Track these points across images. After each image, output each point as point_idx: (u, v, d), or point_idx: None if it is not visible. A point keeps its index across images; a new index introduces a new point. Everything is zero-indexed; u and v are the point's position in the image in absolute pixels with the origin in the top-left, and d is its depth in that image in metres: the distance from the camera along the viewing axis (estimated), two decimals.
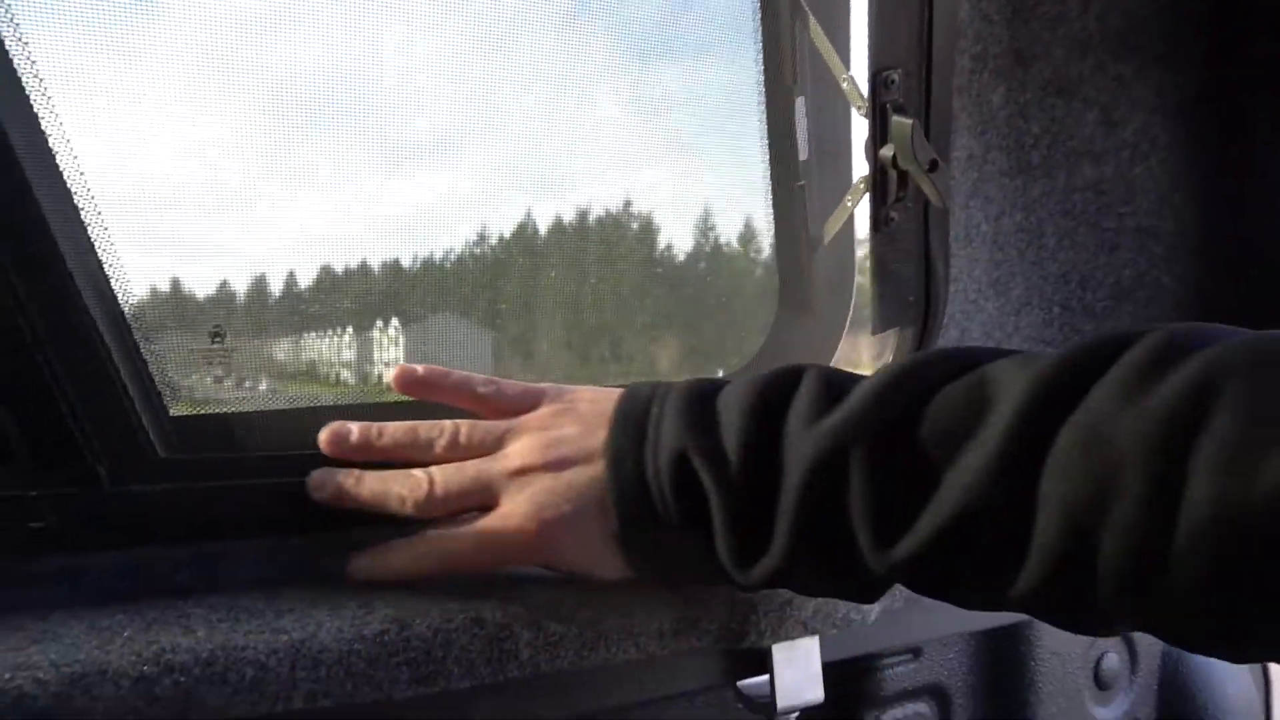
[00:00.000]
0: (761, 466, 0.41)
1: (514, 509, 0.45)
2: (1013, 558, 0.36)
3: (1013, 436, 0.35)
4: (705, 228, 0.80)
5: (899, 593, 0.60)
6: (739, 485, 0.41)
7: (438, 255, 0.70)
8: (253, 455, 0.54)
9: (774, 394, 0.42)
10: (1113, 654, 0.77)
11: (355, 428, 0.48)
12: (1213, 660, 0.82)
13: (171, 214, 0.58)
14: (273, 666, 0.41)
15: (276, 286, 0.63)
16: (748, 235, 0.80)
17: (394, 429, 0.48)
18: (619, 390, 0.47)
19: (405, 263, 0.68)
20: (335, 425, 0.49)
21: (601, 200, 0.79)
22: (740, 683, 0.56)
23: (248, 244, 0.62)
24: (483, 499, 0.46)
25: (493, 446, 0.47)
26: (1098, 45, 0.74)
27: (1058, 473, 0.34)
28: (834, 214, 0.73)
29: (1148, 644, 0.79)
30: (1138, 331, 0.36)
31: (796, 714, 0.56)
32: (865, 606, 0.56)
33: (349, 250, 0.67)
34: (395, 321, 0.69)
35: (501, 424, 0.48)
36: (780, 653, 0.54)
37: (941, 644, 0.70)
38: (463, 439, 0.47)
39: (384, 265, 0.67)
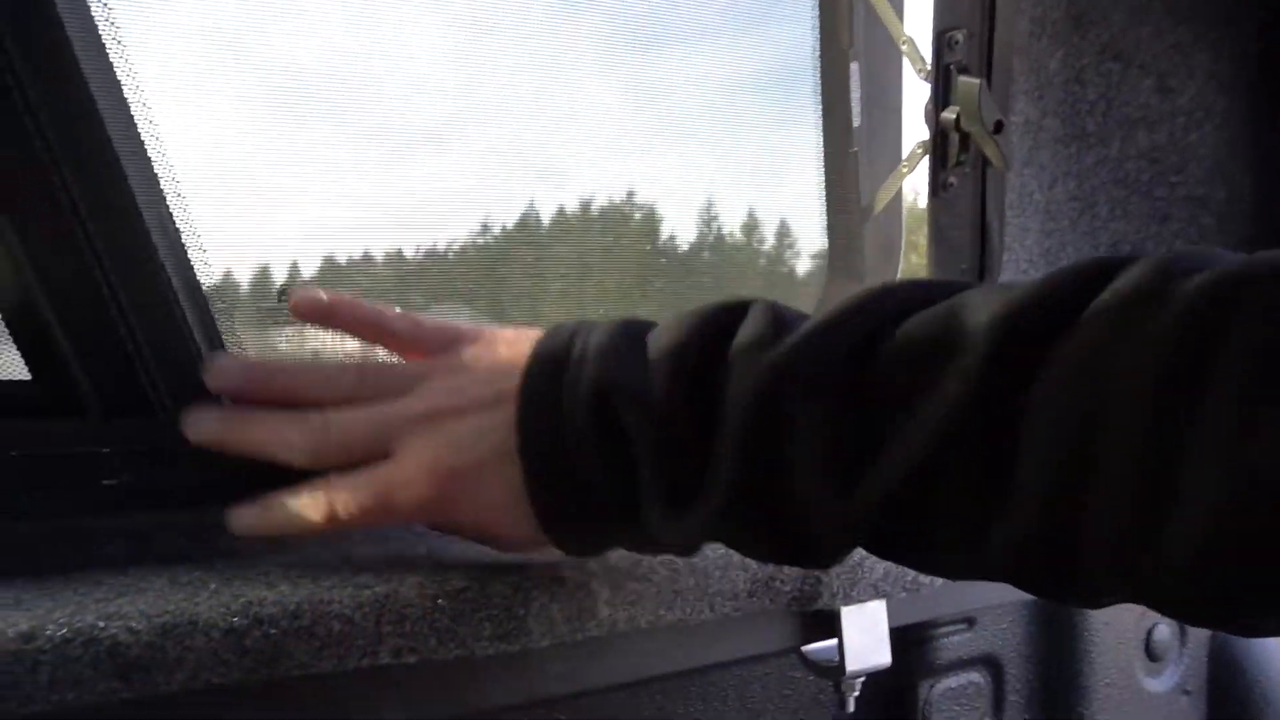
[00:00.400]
0: (695, 405, 0.35)
1: (410, 457, 0.39)
2: (985, 514, 0.31)
3: (988, 370, 0.30)
4: (754, 199, 0.80)
5: None
6: (667, 427, 0.35)
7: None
8: None
9: (713, 327, 0.36)
10: (1164, 625, 0.76)
11: (247, 360, 0.43)
12: None
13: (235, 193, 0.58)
14: (359, 620, 0.40)
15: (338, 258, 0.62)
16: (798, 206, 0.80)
17: (293, 366, 0.43)
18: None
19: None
20: (223, 356, 0.43)
21: (644, 175, 0.79)
22: (805, 647, 0.56)
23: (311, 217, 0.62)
24: (383, 447, 0.40)
25: (400, 389, 0.41)
26: (1156, 10, 0.73)
27: (1040, 414, 0.29)
28: (887, 181, 0.72)
29: None
30: (1130, 256, 0.30)
31: (862, 678, 0.56)
32: None
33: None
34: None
35: (413, 365, 0.43)
36: (849, 616, 0.54)
37: (996, 612, 0.70)
38: (369, 379, 0.42)
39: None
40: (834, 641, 0.54)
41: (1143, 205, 0.79)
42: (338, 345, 0.53)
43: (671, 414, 0.35)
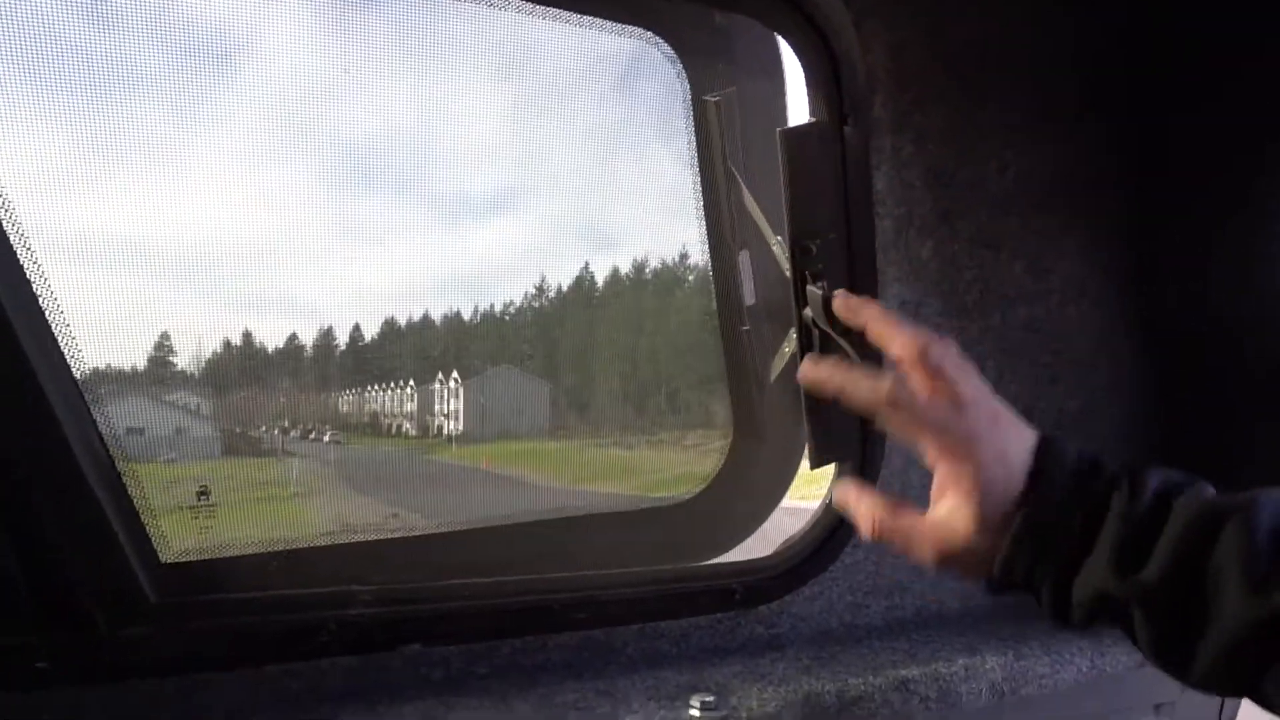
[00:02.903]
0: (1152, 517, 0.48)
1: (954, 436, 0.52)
2: None
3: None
4: None
5: None
6: (1131, 520, 0.48)
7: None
8: (236, 597, 0.62)
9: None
10: None
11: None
12: None
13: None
14: None
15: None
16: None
17: None
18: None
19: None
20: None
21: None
22: None
23: None
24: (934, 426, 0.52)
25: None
26: (1019, 204, 0.80)
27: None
28: (775, 357, 0.79)
29: None
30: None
31: None
32: None
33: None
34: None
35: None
36: None
37: None
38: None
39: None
40: None
41: (1031, 370, 0.85)
42: None
43: (1135, 513, 0.48)
